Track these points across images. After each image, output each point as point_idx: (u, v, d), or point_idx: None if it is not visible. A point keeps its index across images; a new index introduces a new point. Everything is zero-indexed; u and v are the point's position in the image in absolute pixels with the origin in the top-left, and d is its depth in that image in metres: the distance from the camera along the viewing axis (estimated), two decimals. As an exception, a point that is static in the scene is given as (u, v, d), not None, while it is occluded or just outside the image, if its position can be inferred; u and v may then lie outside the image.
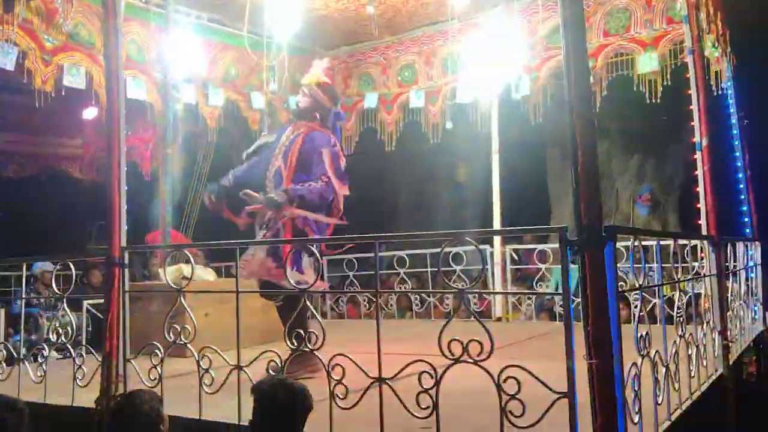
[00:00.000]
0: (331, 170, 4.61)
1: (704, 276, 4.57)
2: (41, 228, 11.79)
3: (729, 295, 4.98)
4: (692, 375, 3.75)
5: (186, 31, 7.33)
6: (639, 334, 3.00)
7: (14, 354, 4.55)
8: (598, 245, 2.58)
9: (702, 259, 4.64)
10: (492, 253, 7.77)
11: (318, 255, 3.66)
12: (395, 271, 8.36)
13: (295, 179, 4.63)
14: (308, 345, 3.28)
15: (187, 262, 4.10)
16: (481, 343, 2.76)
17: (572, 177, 2.65)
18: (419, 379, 2.89)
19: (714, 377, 4.24)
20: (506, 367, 2.71)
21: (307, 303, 3.44)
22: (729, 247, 5.16)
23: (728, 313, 4.75)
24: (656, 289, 4.34)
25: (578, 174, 2.63)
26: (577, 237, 2.62)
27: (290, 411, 2.62)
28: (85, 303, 6.18)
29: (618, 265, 2.75)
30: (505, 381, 2.70)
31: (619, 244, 2.86)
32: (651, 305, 6.46)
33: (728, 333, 4.51)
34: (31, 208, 11.85)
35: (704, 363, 4.07)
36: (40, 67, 6.13)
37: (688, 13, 5.14)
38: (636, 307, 4.85)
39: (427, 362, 2.89)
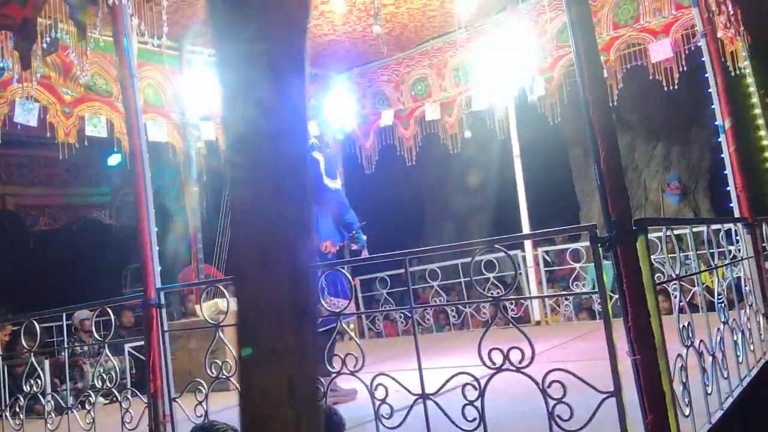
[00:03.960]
0: None
1: (741, 259, 4.49)
2: (77, 277, 11.97)
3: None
4: (740, 361, 3.68)
5: (200, 69, 7.43)
6: (681, 325, 2.95)
7: (62, 404, 4.61)
8: (629, 239, 2.55)
9: (738, 242, 4.56)
10: (524, 258, 7.72)
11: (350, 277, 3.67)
12: (429, 285, 8.35)
13: None
14: (347, 368, 3.27)
15: (223, 296, 4.13)
16: (521, 350, 2.74)
17: (596, 174, 2.63)
18: (463, 392, 2.87)
19: (763, 361, 4.15)
20: (549, 372, 2.68)
21: (344, 326, 3.44)
22: (765, 228, 5.06)
23: (771, 295, 4.65)
24: (695, 277, 4.27)
25: (602, 170, 2.61)
26: (607, 234, 2.59)
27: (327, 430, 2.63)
28: (127, 347, 6.24)
29: (653, 256, 2.72)
30: (549, 386, 2.67)
31: (651, 236, 2.83)
32: (691, 294, 6.36)
33: (773, 315, 4.41)
34: (65, 258, 12.04)
35: (751, 348, 3.99)
36: (62, 119, 6.26)
37: (696, -4, 5.10)
38: (676, 297, 4.76)
39: (469, 374, 2.87)
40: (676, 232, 4.33)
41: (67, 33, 5.14)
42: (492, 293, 3.19)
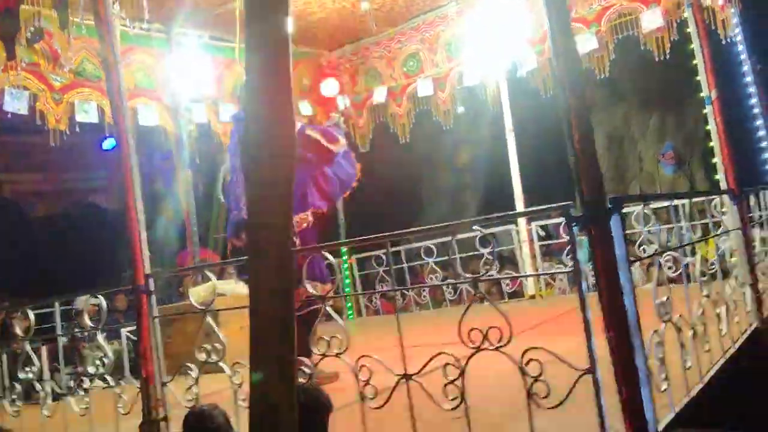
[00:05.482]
0: None
1: (728, 231, 4.50)
2: (78, 261, 12.04)
3: (763, 246, 4.89)
4: (723, 334, 3.71)
5: (189, 51, 7.40)
6: (659, 300, 2.97)
7: (57, 389, 4.66)
8: (603, 218, 2.56)
9: (724, 214, 4.56)
10: (518, 232, 7.74)
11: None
12: (425, 261, 8.37)
13: None
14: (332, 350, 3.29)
15: (220, 278, 4.17)
16: (500, 329, 2.76)
17: (570, 153, 2.65)
18: (444, 371, 2.91)
19: (748, 333, 4.18)
20: (528, 350, 2.71)
21: (329, 310, 3.46)
22: (753, 198, 5.04)
23: (760, 265, 4.66)
24: (685, 250, 4.26)
25: (575, 149, 2.62)
26: (581, 213, 2.61)
27: (315, 413, 2.68)
28: (123, 331, 6.29)
29: (645, 228, 2.76)
30: (527, 364, 2.70)
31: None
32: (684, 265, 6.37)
33: (759, 286, 4.43)
34: (64, 242, 12.11)
35: (736, 320, 4.01)
36: (52, 106, 6.26)
37: (684, -36, 5.06)
38: (669, 269, 4.77)
39: (449, 354, 2.91)
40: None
41: (51, 21, 5.15)
42: (487, 269, 3.20)
